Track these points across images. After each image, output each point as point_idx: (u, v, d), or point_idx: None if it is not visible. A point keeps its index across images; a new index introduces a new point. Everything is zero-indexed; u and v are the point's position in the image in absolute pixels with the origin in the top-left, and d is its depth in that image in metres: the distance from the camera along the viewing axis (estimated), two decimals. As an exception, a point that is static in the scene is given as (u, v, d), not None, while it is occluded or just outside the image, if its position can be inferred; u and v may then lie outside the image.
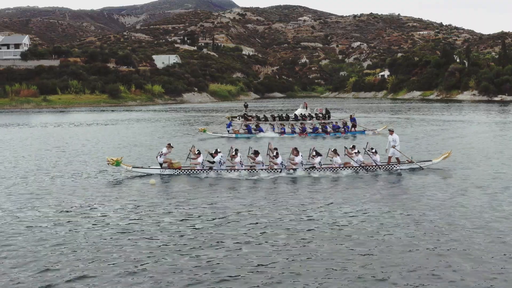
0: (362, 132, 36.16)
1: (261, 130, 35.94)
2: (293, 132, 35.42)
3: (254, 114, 49.34)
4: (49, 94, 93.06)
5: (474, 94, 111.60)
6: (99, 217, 13.09)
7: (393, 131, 20.53)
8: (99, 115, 63.88)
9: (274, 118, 45.25)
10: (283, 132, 35.35)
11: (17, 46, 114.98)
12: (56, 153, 26.33)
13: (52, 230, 11.90)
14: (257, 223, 12.31)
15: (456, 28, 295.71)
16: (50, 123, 49.60)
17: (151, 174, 18.96)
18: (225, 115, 56.66)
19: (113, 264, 9.61)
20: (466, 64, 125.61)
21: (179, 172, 19.11)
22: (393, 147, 19.77)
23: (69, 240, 11.12)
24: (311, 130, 35.79)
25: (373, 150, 19.61)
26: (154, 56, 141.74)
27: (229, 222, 12.38)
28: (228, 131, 36.10)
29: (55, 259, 9.91)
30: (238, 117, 47.19)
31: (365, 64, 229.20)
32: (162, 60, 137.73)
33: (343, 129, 35.95)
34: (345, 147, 19.96)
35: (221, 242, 10.82)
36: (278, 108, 79.35)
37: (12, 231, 11.79)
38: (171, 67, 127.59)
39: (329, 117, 46.44)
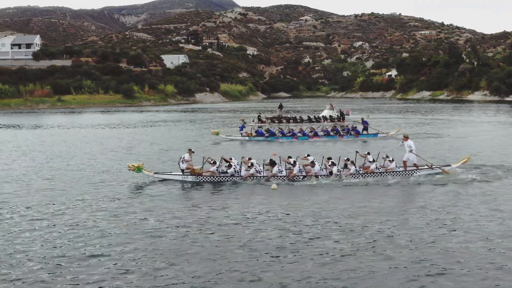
0: (375, 135, 35.06)
1: (272, 134, 34.49)
2: (304, 135, 34.14)
3: (288, 115, 49.03)
4: (62, 94, 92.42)
5: (485, 94, 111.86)
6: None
7: (407, 137, 20.44)
8: (120, 116, 63.24)
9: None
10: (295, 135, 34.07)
11: (28, 46, 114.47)
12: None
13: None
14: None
15: (457, 27, 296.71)
16: (81, 125, 49.23)
17: (172, 180, 18.71)
18: (251, 116, 56.28)
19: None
20: (475, 64, 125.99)
21: (201, 179, 18.58)
22: (411, 151, 19.62)
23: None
24: (322, 134, 34.54)
25: (390, 159, 19.38)
26: (162, 56, 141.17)
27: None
28: (241, 134, 35.07)
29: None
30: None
31: (367, 64, 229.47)
32: (171, 60, 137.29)
33: (354, 132, 34.81)
34: (356, 151, 20.51)
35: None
36: (303, 109, 78.94)
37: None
38: (182, 67, 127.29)
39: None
